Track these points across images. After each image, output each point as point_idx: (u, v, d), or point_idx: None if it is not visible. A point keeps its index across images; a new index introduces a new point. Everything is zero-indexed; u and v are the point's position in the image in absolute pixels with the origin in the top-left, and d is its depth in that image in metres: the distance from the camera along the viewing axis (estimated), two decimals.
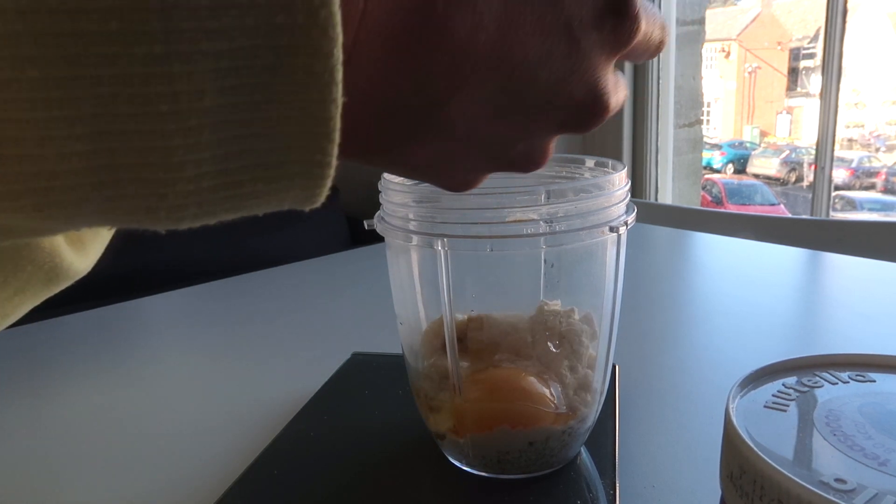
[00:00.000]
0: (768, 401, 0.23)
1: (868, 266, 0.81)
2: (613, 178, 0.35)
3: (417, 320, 0.39)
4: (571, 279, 0.39)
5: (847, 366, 0.25)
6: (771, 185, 7.31)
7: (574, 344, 0.37)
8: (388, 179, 0.36)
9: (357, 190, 1.68)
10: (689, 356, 0.58)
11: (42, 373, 0.59)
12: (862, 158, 7.41)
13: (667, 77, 1.71)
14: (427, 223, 0.34)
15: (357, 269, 0.91)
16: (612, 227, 0.34)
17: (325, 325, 0.69)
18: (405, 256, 0.38)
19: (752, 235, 1.14)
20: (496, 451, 0.37)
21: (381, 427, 0.44)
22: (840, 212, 5.74)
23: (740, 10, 9.64)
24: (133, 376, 0.58)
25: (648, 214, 1.45)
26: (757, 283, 0.77)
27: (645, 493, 0.38)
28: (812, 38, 8.91)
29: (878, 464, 0.19)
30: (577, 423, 0.37)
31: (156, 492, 0.40)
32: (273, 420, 0.47)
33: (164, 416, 0.51)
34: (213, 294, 0.82)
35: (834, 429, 0.21)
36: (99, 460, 0.45)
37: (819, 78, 1.50)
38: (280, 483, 0.38)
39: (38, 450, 0.46)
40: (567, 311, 0.38)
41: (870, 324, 0.63)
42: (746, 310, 0.68)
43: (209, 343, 0.66)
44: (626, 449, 0.42)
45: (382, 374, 0.51)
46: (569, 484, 0.37)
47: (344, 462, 0.40)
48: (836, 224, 1.40)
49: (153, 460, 0.44)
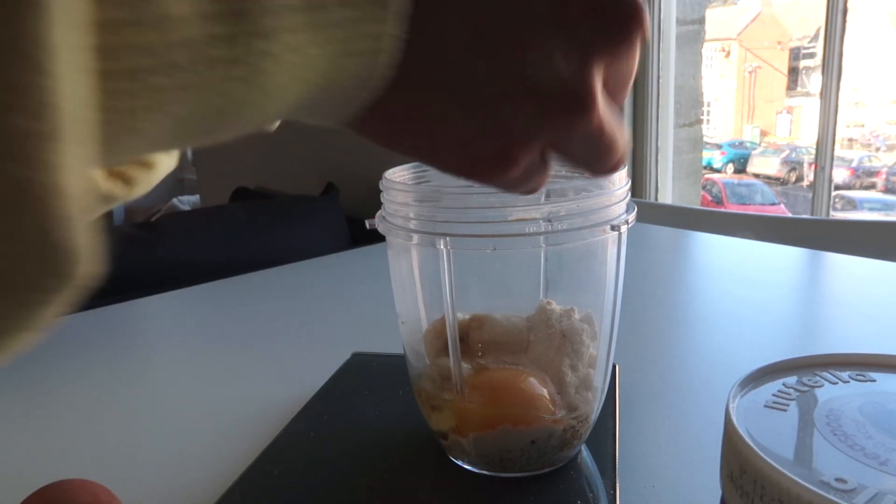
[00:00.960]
0: (768, 400, 0.23)
1: (868, 266, 0.81)
2: (613, 177, 0.35)
3: (418, 319, 0.39)
4: (572, 278, 0.39)
5: (847, 366, 0.25)
6: (771, 185, 7.30)
7: (575, 343, 0.37)
8: (390, 179, 0.36)
9: (357, 190, 1.68)
10: (689, 356, 0.58)
11: (42, 373, 0.59)
12: (862, 158, 7.40)
13: (667, 77, 1.71)
14: (428, 222, 0.34)
15: (357, 269, 0.91)
16: (613, 226, 0.34)
17: (325, 325, 0.69)
18: (406, 256, 0.38)
19: (752, 235, 1.14)
20: (498, 450, 0.37)
21: (381, 427, 0.44)
22: (840, 211, 5.74)
23: (740, 9, 9.64)
24: (133, 376, 0.58)
25: (648, 214, 1.45)
26: (757, 283, 0.77)
27: (645, 493, 0.38)
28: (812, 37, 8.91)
29: (879, 463, 0.19)
30: (579, 421, 0.37)
31: (156, 492, 0.40)
32: (273, 420, 0.47)
33: (164, 416, 0.51)
34: (213, 294, 0.82)
35: (834, 428, 0.21)
36: (98, 460, 0.45)
37: (819, 77, 1.50)
38: (280, 483, 0.38)
39: (38, 450, 0.46)
40: (567, 311, 0.38)
41: (870, 324, 0.63)
42: (746, 310, 0.68)
43: (209, 343, 0.66)
44: (626, 449, 0.42)
45: (382, 374, 0.51)
46: (569, 483, 0.37)
47: (344, 462, 0.40)
48: (836, 224, 1.40)
49: (153, 460, 0.44)
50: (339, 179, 1.85)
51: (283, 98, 0.17)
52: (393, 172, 0.38)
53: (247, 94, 0.16)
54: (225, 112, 0.16)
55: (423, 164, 0.24)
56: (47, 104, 0.11)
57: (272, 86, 0.16)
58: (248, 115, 0.17)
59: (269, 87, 0.16)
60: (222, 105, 0.16)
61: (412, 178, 0.39)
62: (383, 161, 0.36)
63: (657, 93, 1.71)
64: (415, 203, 0.35)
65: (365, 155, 1.71)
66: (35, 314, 0.13)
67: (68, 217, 0.12)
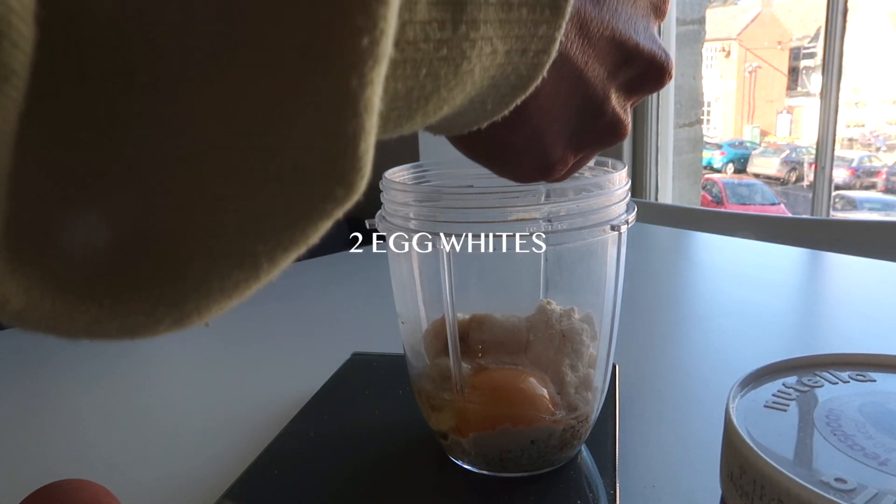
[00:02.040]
0: (768, 400, 0.23)
1: (868, 266, 0.81)
2: (614, 177, 0.35)
3: (418, 319, 0.39)
4: (572, 278, 0.39)
5: (847, 365, 0.25)
6: (771, 185, 7.30)
7: (575, 343, 0.37)
8: (390, 179, 0.36)
9: None
10: (689, 356, 0.58)
11: (42, 373, 0.59)
12: (862, 158, 7.40)
13: None
14: (428, 222, 0.34)
15: (357, 269, 0.91)
16: (613, 226, 0.34)
17: (325, 325, 0.69)
18: (406, 256, 0.38)
19: (752, 235, 1.14)
20: (498, 450, 0.37)
21: (381, 427, 0.44)
22: (840, 211, 5.73)
23: (740, 9, 9.64)
24: (132, 376, 0.58)
25: (648, 214, 1.45)
26: (757, 283, 0.77)
27: (645, 493, 0.38)
28: (812, 37, 8.90)
29: (879, 463, 0.19)
30: (579, 421, 0.37)
31: (156, 491, 0.40)
32: (273, 420, 0.47)
33: (164, 416, 0.51)
34: None
35: (834, 428, 0.21)
36: (98, 460, 0.45)
37: (819, 77, 1.50)
38: (280, 483, 0.38)
39: (38, 450, 0.46)
40: (568, 311, 0.38)
41: (870, 324, 0.63)
42: (746, 310, 0.68)
43: (209, 343, 0.66)
44: (626, 449, 0.42)
45: (382, 374, 0.51)
46: (569, 483, 0.37)
47: (344, 462, 0.40)
48: (836, 224, 1.40)
49: (153, 460, 0.44)
50: None
51: (469, 86, 0.19)
52: (393, 172, 0.38)
53: (448, 76, 0.17)
54: (426, 94, 0.17)
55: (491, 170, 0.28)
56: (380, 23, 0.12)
57: (466, 71, 0.18)
58: (439, 101, 0.18)
59: (464, 72, 0.18)
60: (427, 85, 0.17)
61: (412, 178, 0.39)
62: (383, 161, 0.36)
63: (657, 93, 1.71)
64: (415, 203, 0.35)
65: None
66: (318, 227, 0.14)
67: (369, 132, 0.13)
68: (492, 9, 0.17)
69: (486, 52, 0.18)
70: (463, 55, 0.17)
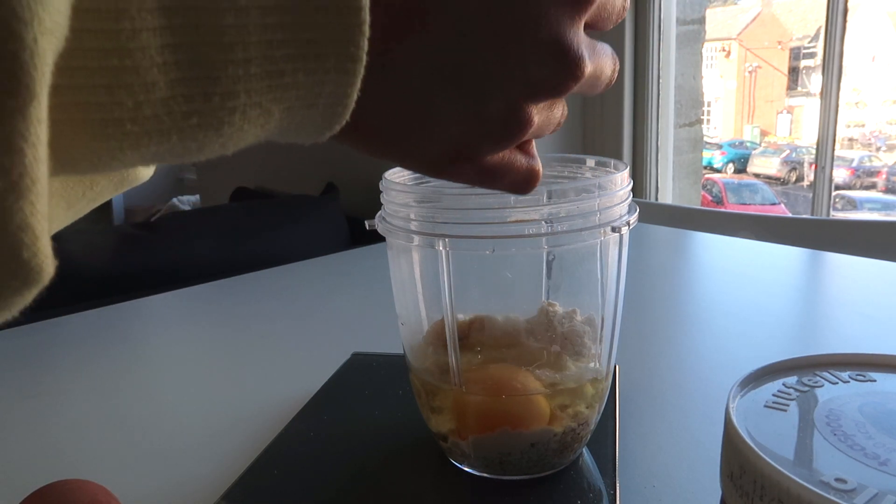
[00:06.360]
0: (768, 400, 0.23)
1: (868, 266, 0.81)
2: (615, 178, 0.35)
3: (419, 320, 0.39)
4: (573, 280, 0.39)
5: (847, 366, 0.25)
6: (771, 185, 7.29)
7: (576, 345, 0.37)
8: (390, 179, 0.36)
9: (357, 190, 1.68)
10: (689, 356, 0.58)
11: (42, 373, 0.59)
12: (862, 158, 7.39)
13: (667, 76, 1.71)
14: (428, 223, 0.34)
15: (357, 269, 0.91)
16: (615, 228, 0.34)
17: (325, 325, 0.69)
18: (406, 256, 0.38)
19: (752, 235, 1.14)
20: (498, 453, 0.37)
21: (381, 427, 0.44)
22: (840, 211, 5.73)
23: (740, 9, 9.63)
24: (133, 376, 0.58)
25: (649, 214, 1.45)
26: (757, 283, 0.77)
27: (645, 493, 0.38)
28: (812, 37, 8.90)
29: (879, 463, 0.19)
30: (579, 424, 0.37)
31: (156, 491, 0.40)
32: (273, 420, 0.47)
33: (164, 416, 0.51)
34: (213, 294, 0.82)
35: (834, 428, 0.21)
36: (98, 460, 0.45)
37: (819, 77, 1.50)
38: (280, 483, 0.38)
39: (38, 450, 0.46)
40: (570, 312, 0.38)
41: (870, 324, 0.63)
42: (746, 310, 0.68)
43: (209, 343, 0.66)
44: (626, 449, 0.42)
45: (382, 374, 0.51)
46: (570, 484, 0.37)
47: (344, 462, 0.40)
48: (836, 224, 1.39)
49: (153, 460, 0.44)
50: (339, 179, 1.85)
51: (250, 136, 0.20)
52: (393, 173, 0.38)
53: (210, 136, 0.19)
54: (199, 147, 0.19)
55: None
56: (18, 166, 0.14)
57: (235, 130, 0.19)
58: (217, 149, 0.20)
59: (231, 131, 0.19)
60: (189, 143, 0.19)
61: (412, 178, 0.39)
62: (383, 161, 0.36)
63: (657, 93, 1.71)
64: (415, 204, 0.35)
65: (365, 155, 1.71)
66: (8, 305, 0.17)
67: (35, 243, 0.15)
68: (253, 79, 0.18)
69: (253, 114, 0.19)
70: (221, 121, 0.18)
